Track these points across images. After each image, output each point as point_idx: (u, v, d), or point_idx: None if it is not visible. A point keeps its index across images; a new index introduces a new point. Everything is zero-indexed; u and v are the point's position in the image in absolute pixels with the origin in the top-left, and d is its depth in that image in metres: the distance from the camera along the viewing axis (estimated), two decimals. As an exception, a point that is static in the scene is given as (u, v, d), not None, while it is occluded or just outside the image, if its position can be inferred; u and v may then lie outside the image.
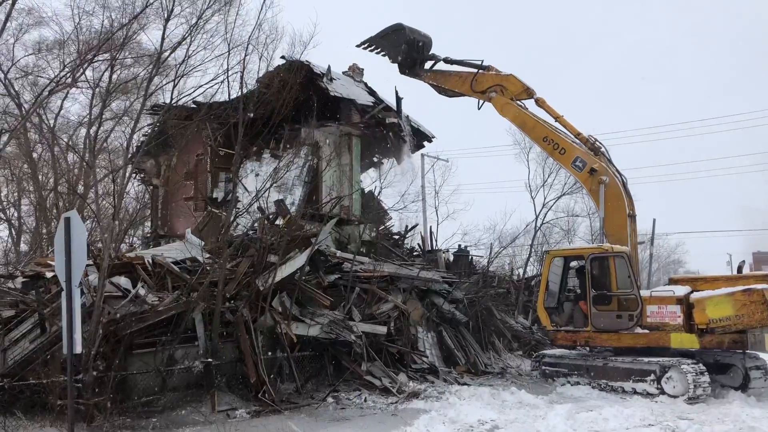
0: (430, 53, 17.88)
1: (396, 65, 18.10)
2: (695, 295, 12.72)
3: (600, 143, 15.40)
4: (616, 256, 13.70)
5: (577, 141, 15.42)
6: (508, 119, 16.51)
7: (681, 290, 13.01)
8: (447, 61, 17.83)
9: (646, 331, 12.99)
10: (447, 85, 17.63)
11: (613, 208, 14.41)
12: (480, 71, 16.84)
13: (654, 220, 25.31)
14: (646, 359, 12.62)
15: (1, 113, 18.57)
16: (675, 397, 11.92)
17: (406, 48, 17.59)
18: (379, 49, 18.18)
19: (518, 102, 16.26)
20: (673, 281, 14.49)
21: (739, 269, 14.84)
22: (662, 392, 12.15)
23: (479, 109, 17.17)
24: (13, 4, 10.34)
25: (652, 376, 12.35)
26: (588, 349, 14.14)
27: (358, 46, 18.18)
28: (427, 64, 17.93)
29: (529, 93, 16.24)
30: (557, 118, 15.78)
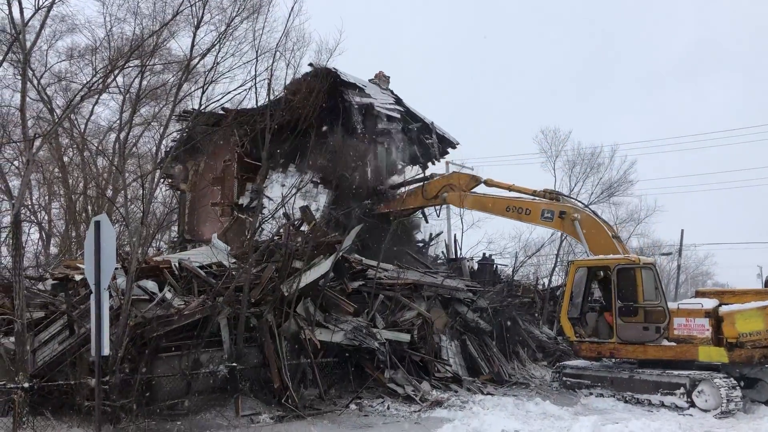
0: (376, 189, 19.62)
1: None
2: (724, 309, 12.50)
3: (557, 191, 16.33)
4: (644, 268, 13.52)
5: (536, 197, 16.04)
6: (468, 208, 18.12)
7: (709, 303, 12.79)
8: (392, 187, 19.84)
9: (673, 343, 12.80)
10: (403, 207, 19.04)
11: (595, 235, 14.54)
12: (425, 182, 18.52)
13: (682, 231, 25.03)
14: (675, 372, 12.42)
15: (35, 118, 18.94)
16: (706, 411, 11.70)
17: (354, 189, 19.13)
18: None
19: (471, 192, 17.39)
20: (700, 294, 14.26)
21: (766, 283, 14.63)
22: (692, 406, 11.95)
23: (438, 216, 20.11)
24: (48, 12, 10.52)
25: (682, 390, 12.15)
26: (613, 360, 13.98)
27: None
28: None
29: (476, 180, 17.65)
30: (510, 187, 16.66)
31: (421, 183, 18.69)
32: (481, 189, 17.50)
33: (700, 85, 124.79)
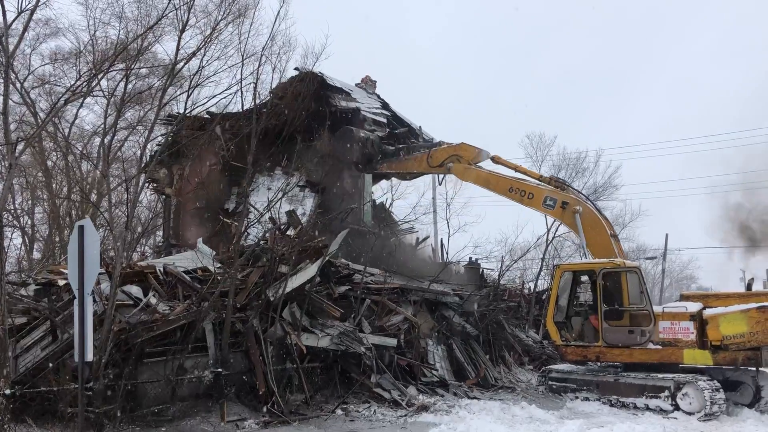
0: (381, 147, 19.34)
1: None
2: (709, 312, 12.62)
3: (562, 180, 16.18)
4: (628, 271, 13.62)
5: (542, 183, 15.85)
6: (470, 182, 17.45)
7: (694, 306, 12.91)
8: (398, 149, 19.32)
9: (659, 347, 12.89)
10: (405, 170, 18.94)
11: (594, 231, 14.57)
12: (433, 148, 17.96)
13: (666, 235, 25.26)
14: (660, 375, 12.51)
15: (18, 122, 18.76)
16: (690, 414, 11.79)
17: (357, 147, 18.88)
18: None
19: (476, 165, 17.04)
20: (684, 297, 14.39)
21: (749, 286, 14.77)
22: (677, 409, 12.04)
23: (440, 184, 20.22)
24: (31, 15, 10.45)
25: (667, 393, 12.23)
26: (598, 364, 14.04)
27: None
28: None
29: (483, 154, 17.05)
30: (516, 168, 16.47)
31: (428, 149, 18.21)
32: (486, 165, 17.09)
33: (694, 85, 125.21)
